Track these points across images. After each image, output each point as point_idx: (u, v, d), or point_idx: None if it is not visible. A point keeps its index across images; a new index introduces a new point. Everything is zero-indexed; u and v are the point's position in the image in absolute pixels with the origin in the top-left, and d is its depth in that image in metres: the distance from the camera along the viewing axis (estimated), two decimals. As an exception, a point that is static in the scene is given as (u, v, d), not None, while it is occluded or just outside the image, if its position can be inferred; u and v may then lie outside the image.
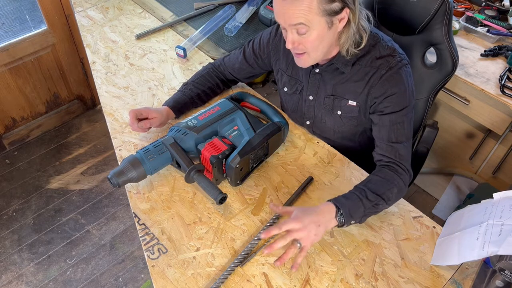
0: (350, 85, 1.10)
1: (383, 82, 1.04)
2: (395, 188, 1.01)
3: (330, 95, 1.14)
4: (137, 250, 1.91)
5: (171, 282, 0.91)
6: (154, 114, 1.16)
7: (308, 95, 1.19)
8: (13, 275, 1.82)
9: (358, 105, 1.11)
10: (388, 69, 1.03)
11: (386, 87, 1.04)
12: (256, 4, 1.75)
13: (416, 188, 2.11)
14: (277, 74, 1.26)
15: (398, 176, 1.03)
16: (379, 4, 1.27)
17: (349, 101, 1.11)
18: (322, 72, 1.13)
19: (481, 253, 0.80)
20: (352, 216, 0.94)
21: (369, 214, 0.99)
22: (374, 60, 1.05)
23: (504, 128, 1.50)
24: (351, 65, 1.07)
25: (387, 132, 1.06)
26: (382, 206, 1.00)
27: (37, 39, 2.12)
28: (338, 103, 1.14)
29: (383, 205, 0.99)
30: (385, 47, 1.06)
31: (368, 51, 1.06)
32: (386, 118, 1.06)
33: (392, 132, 1.06)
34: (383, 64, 1.04)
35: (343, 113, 1.14)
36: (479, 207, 0.91)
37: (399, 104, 1.05)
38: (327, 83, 1.13)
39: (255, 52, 1.26)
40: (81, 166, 2.26)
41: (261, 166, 1.14)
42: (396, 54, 1.05)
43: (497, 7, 1.71)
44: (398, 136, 1.06)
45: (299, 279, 0.92)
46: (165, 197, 1.08)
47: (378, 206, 0.99)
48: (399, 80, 1.04)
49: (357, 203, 0.96)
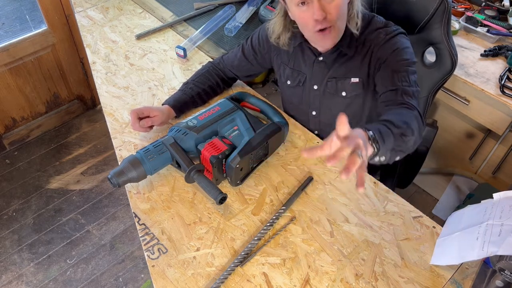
0: (349, 63, 1.12)
1: (384, 45, 1.07)
2: (414, 119, 0.94)
3: (332, 77, 1.16)
4: (137, 250, 1.91)
5: (171, 282, 0.91)
6: (156, 112, 1.17)
7: (312, 85, 1.20)
8: (13, 275, 1.82)
9: (361, 80, 1.12)
10: (386, 35, 1.08)
11: (386, 47, 1.07)
12: (256, 4, 1.75)
13: (416, 188, 2.11)
14: (278, 69, 1.27)
15: (411, 110, 0.97)
16: (378, 3, 1.27)
17: (351, 79, 1.13)
18: (326, 60, 1.14)
19: (481, 253, 0.80)
20: (384, 144, 0.83)
21: (398, 149, 0.90)
22: (373, 32, 1.09)
23: (504, 128, 1.50)
24: (353, 45, 1.10)
25: (390, 79, 1.04)
26: (409, 138, 0.91)
27: (37, 39, 2.12)
28: (341, 85, 1.15)
29: (409, 136, 0.90)
30: (380, 22, 1.11)
31: (365, 28, 1.10)
32: (388, 68, 1.06)
33: (396, 79, 1.03)
34: (381, 33, 1.08)
35: (348, 93, 1.16)
36: (479, 207, 0.91)
37: (400, 56, 1.05)
38: (330, 69, 1.15)
39: (254, 48, 1.26)
40: (81, 166, 2.26)
41: (261, 166, 1.15)
42: (392, 25, 1.10)
43: (497, 7, 1.71)
44: (402, 82, 1.02)
45: (299, 279, 0.92)
46: (165, 197, 1.08)
47: (406, 137, 0.90)
48: (399, 41, 1.07)
49: (386, 131, 0.85)
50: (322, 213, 1.04)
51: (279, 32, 1.15)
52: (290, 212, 1.04)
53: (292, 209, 1.05)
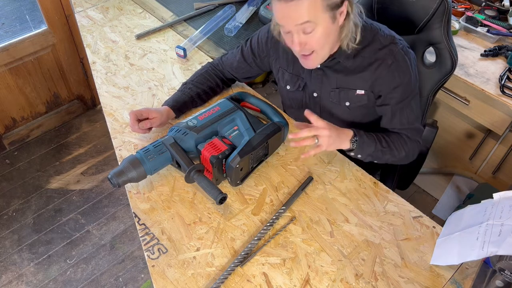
0: (355, 76, 1.11)
1: (391, 73, 1.07)
2: (403, 151, 1.13)
3: (335, 88, 1.15)
4: (137, 250, 1.91)
5: (171, 282, 0.91)
6: (154, 114, 1.17)
7: (312, 92, 1.20)
8: (13, 275, 1.82)
9: (366, 93, 1.13)
10: (393, 58, 1.06)
11: (393, 77, 1.08)
12: (256, 4, 1.75)
13: (416, 188, 2.11)
14: (277, 73, 1.26)
15: (409, 142, 1.14)
16: (378, 3, 1.27)
17: (357, 91, 1.13)
18: (323, 68, 1.14)
19: (481, 253, 0.80)
20: (362, 149, 1.08)
21: (374, 157, 1.12)
22: (377, 51, 1.07)
23: (504, 128, 1.50)
24: (352, 57, 1.09)
25: (398, 120, 1.14)
26: (386, 158, 1.13)
27: (37, 39, 2.12)
28: (345, 95, 1.15)
29: (387, 157, 1.13)
30: (385, 37, 1.08)
31: (369, 43, 1.08)
32: (396, 108, 1.12)
33: (404, 118, 1.13)
34: (388, 54, 1.07)
35: (352, 103, 1.15)
36: (479, 207, 0.91)
37: (406, 92, 1.10)
38: (330, 77, 1.15)
39: (253, 51, 1.26)
40: (81, 166, 2.26)
41: (261, 166, 1.15)
42: (397, 42, 1.08)
43: (497, 7, 1.71)
44: (409, 120, 1.13)
45: (299, 279, 0.92)
46: (165, 197, 1.08)
47: (384, 156, 1.12)
48: (406, 69, 1.08)
49: (371, 143, 1.09)
50: (322, 213, 1.04)
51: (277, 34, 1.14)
52: (290, 212, 1.04)
53: (292, 209, 1.05)
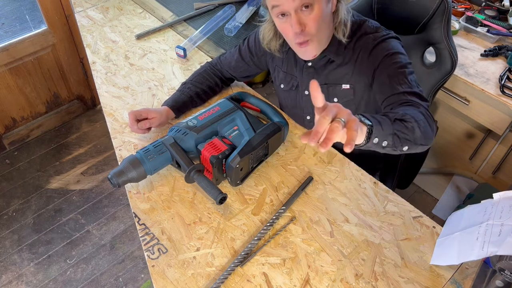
0: (340, 69, 1.11)
1: (373, 51, 1.05)
2: (418, 113, 0.89)
3: (323, 84, 1.15)
4: (137, 250, 1.91)
5: (171, 282, 0.91)
6: (154, 114, 1.17)
7: (303, 90, 1.20)
8: (13, 275, 1.82)
9: (352, 87, 1.11)
10: (374, 40, 1.05)
11: (376, 54, 1.04)
12: (256, 4, 1.75)
13: (416, 188, 2.11)
14: (273, 72, 1.27)
15: (415, 107, 0.92)
16: (378, 3, 1.27)
17: (342, 86, 1.13)
18: (315, 65, 1.14)
19: (481, 253, 0.80)
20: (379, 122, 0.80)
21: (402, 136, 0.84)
22: (360, 38, 1.07)
23: (504, 128, 1.50)
24: (342, 53, 1.09)
25: (388, 85, 0.99)
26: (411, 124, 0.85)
27: (37, 39, 2.12)
28: (333, 91, 1.15)
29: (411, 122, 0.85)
30: (370, 27, 1.08)
31: (353, 35, 1.08)
32: (383, 74, 1.02)
33: (394, 84, 0.98)
34: (370, 38, 1.05)
35: (340, 99, 1.15)
36: (479, 207, 0.91)
37: (392, 60, 1.01)
38: (320, 74, 1.15)
39: (250, 50, 1.27)
40: (81, 166, 2.26)
41: (261, 166, 1.15)
42: (382, 30, 1.07)
43: (497, 7, 1.71)
44: (402, 85, 0.97)
45: (299, 279, 0.92)
46: (165, 197, 1.08)
47: (406, 122, 0.85)
48: (388, 45, 1.03)
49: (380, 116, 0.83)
50: (322, 213, 1.04)
51: (269, 38, 1.15)
52: (290, 212, 1.04)
53: (292, 209, 1.05)
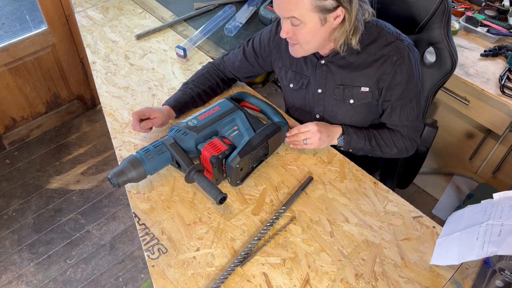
0: (360, 73, 1.12)
1: (396, 69, 1.08)
2: (395, 149, 1.19)
3: (339, 84, 1.16)
4: (137, 250, 1.91)
5: (171, 282, 0.91)
6: (156, 113, 1.17)
7: (316, 88, 1.20)
8: (13, 275, 1.82)
9: (371, 90, 1.13)
10: (399, 55, 1.07)
11: (396, 74, 1.08)
12: (256, 4, 1.75)
13: (416, 188, 2.11)
14: (280, 72, 1.26)
15: (403, 140, 1.19)
16: (379, 3, 1.27)
17: (361, 88, 1.14)
18: (327, 63, 1.14)
19: (481, 253, 0.80)
20: (350, 145, 1.17)
21: (365, 152, 1.20)
22: (382, 47, 1.08)
23: (504, 128, 1.50)
24: (356, 53, 1.10)
25: (397, 117, 1.15)
26: (378, 154, 1.20)
27: (37, 39, 2.11)
28: (349, 92, 1.15)
29: (378, 154, 1.20)
30: (390, 33, 1.09)
31: (374, 39, 1.09)
32: (396, 104, 1.13)
33: (403, 115, 1.14)
34: (393, 50, 1.07)
35: (356, 101, 1.16)
36: (479, 207, 0.91)
37: (408, 90, 1.11)
38: (335, 73, 1.15)
39: (255, 50, 1.26)
40: (81, 166, 2.26)
41: (261, 166, 1.15)
42: (403, 39, 1.09)
43: (497, 7, 1.71)
44: (408, 118, 1.15)
45: (299, 279, 0.92)
46: (165, 197, 1.08)
47: (374, 152, 1.19)
48: (410, 67, 1.09)
49: (360, 141, 1.16)
50: (322, 213, 1.04)
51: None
52: (290, 212, 1.04)
53: (292, 209, 1.05)
